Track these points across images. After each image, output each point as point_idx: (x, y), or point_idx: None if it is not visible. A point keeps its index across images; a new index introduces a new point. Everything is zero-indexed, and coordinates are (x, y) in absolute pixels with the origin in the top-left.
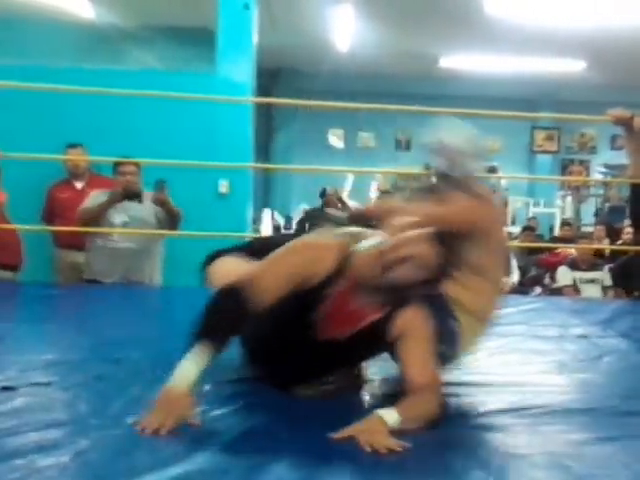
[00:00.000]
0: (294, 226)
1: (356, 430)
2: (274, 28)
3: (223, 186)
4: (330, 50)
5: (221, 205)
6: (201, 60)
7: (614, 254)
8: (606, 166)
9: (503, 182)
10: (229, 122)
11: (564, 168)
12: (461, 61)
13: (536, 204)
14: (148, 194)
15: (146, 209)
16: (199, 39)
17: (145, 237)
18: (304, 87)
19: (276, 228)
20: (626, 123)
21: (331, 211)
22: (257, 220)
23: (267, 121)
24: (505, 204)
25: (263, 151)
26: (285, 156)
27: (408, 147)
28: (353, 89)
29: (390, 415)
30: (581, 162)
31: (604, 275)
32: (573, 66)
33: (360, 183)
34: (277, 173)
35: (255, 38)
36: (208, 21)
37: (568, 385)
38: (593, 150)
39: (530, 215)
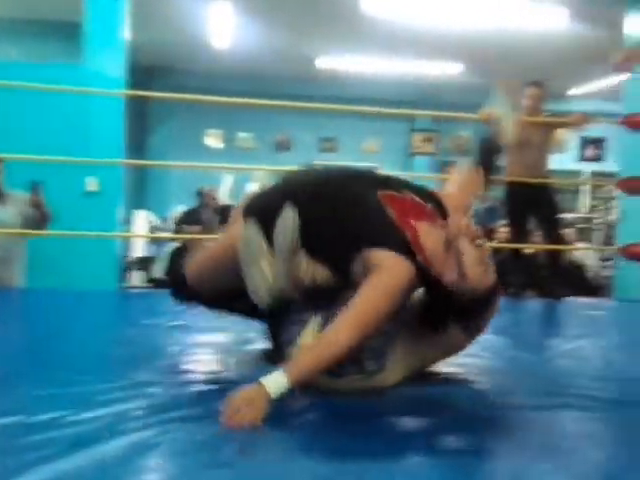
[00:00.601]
0: (172, 226)
1: (237, 399)
2: (149, 24)
3: (92, 184)
4: (208, 48)
5: (90, 204)
6: (70, 55)
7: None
8: None
9: None
10: (100, 117)
11: (441, 169)
12: (339, 62)
13: None
14: (15, 195)
15: (11, 212)
16: (68, 33)
17: (7, 241)
18: (181, 85)
19: (153, 228)
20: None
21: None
22: (129, 220)
23: (142, 120)
24: None
25: (138, 150)
26: (161, 156)
27: (288, 148)
28: (232, 88)
29: (275, 382)
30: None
31: None
32: (452, 68)
33: (240, 184)
34: (153, 173)
35: (127, 33)
36: (77, 15)
37: (445, 382)
38: (468, 152)
39: None
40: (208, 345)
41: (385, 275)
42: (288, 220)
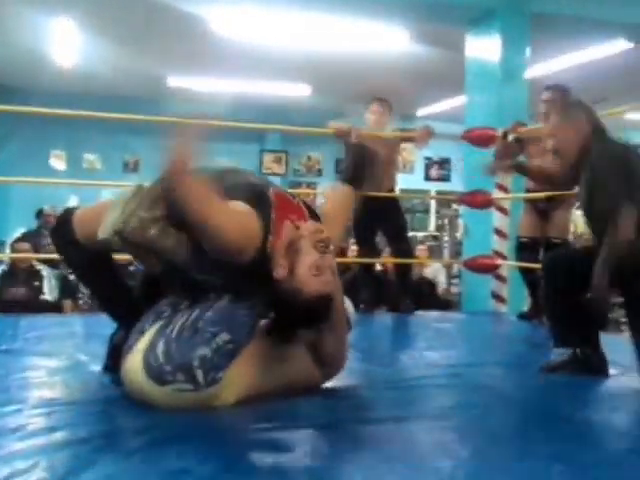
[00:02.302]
0: (8, 251)
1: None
2: None
3: None
4: (51, 66)
5: None
6: None
7: (342, 271)
8: None
9: None
10: None
11: (292, 189)
12: (189, 82)
13: None
14: None
15: None
16: None
17: None
18: (24, 106)
19: None
20: (345, 135)
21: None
22: None
23: None
24: None
25: None
26: (3, 176)
27: (136, 169)
28: (78, 109)
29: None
30: (308, 184)
31: None
32: (300, 90)
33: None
34: None
35: None
36: None
37: (297, 397)
38: (319, 173)
39: None
40: (37, 368)
41: (241, 211)
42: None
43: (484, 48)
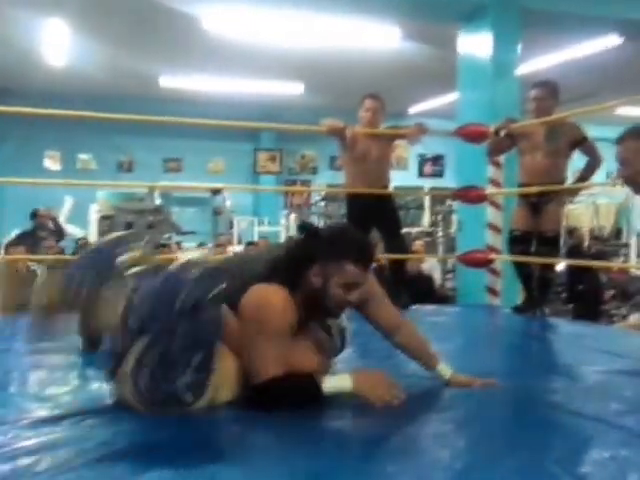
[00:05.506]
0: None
1: None
2: None
3: None
4: (43, 67)
5: None
6: None
7: None
8: (329, 186)
9: (228, 203)
10: None
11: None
12: (182, 81)
13: (261, 223)
14: None
15: None
16: None
17: None
18: (16, 107)
19: None
20: (339, 133)
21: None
22: None
23: None
24: (231, 224)
25: None
26: None
27: (130, 169)
28: (71, 109)
29: None
30: (303, 182)
31: None
32: (293, 89)
33: (81, 205)
34: None
35: None
36: None
37: None
38: (314, 171)
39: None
40: (39, 366)
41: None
42: None
43: (476, 45)
